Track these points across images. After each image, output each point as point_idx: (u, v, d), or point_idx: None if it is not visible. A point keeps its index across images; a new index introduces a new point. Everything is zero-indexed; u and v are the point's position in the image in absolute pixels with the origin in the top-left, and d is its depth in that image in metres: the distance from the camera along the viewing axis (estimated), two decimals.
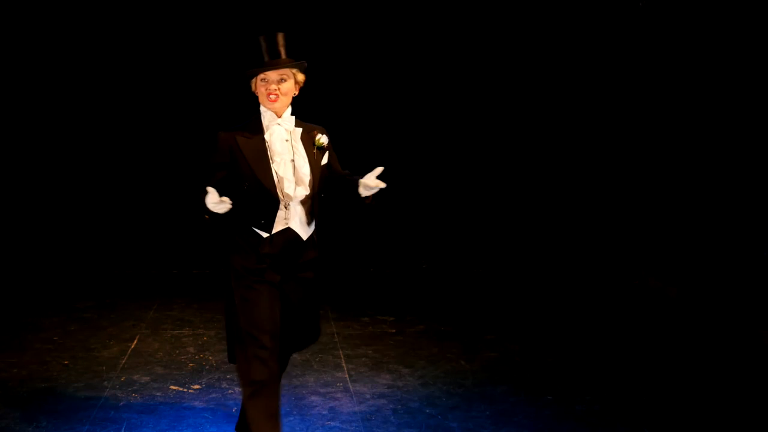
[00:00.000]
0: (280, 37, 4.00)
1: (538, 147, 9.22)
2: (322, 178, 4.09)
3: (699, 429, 4.62)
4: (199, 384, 5.23)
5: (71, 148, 8.96)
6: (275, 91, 3.98)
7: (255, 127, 4.04)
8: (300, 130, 4.07)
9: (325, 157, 4.11)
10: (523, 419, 4.72)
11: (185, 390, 5.13)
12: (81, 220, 8.95)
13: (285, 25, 4.56)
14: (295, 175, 4.00)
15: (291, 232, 4.02)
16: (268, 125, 4.03)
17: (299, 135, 4.06)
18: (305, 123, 4.13)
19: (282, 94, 3.99)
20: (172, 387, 5.18)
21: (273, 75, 3.98)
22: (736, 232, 7.21)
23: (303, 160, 4.02)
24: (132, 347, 5.92)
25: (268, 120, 4.04)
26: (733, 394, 5.11)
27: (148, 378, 5.31)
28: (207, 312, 6.81)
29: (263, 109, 4.05)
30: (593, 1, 8.75)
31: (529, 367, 5.57)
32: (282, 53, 3.99)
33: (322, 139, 4.08)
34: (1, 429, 4.53)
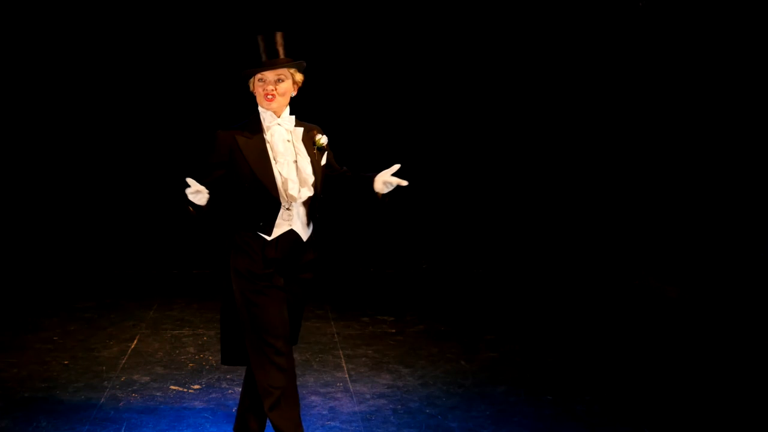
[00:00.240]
0: (278, 36, 3.93)
1: (538, 147, 9.22)
2: (323, 178, 4.05)
3: (699, 429, 4.62)
4: (199, 384, 5.23)
5: (71, 148, 8.96)
6: (272, 92, 3.91)
7: (255, 127, 3.98)
8: (301, 130, 4.02)
9: (325, 157, 4.08)
10: (523, 419, 4.72)
11: (185, 390, 5.13)
12: (81, 220, 8.95)
13: (284, 24, 4.54)
14: (299, 176, 3.94)
15: (293, 233, 3.98)
16: (268, 125, 3.97)
17: (300, 135, 4.00)
18: (303, 123, 4.08)
19: (279, 94, 3.93)
20: (172, 387, 5.18)
21: (270, 75, 3.92)
22: (735, 232, 7.21)
23: (306, 160, 3.97)
24: (132, 347, 5.92)
25: (268, 120, 3.98)
26: (733, 394, 5.11)
27: (148, 378, 5.31)
28: (207, 312, 6.80)
29: (262, 109, 3.99)
30: (593, 1, 8.75)
31: (529, 367, 5.57)
32: (280, 53, 3.92)
33: (322, 140, 4.04)
34: (1, 429, 4.53)
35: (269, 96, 3.92)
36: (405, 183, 3.98)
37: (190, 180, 3.77)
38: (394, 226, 9.07)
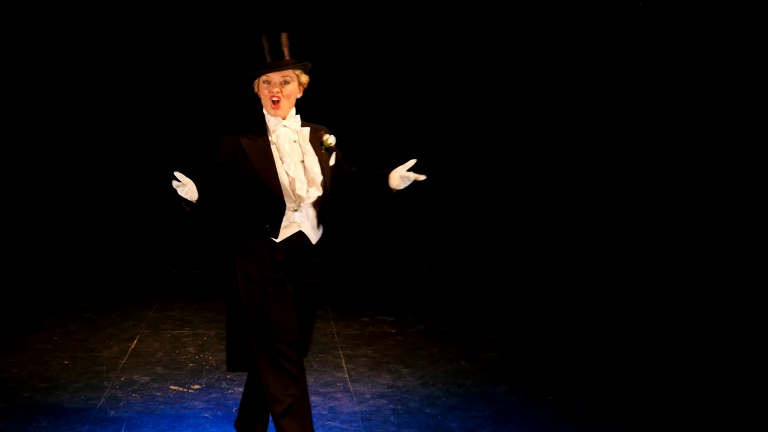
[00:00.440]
0: (283, 37, 3.86)
1: (538, 147, 9.21)
2: (332, 179, 3.97)
3: (699, 429, 4.62)
4: (199, 384, 5.23)
5: (71, 148, 8.95)
6: (277, 94, 3.83)
7: (260, 130, 3.91)
8: (307, 130, 3.94)
9: (333, 158, 4.00)
10: (523, 419, 4.72)
11: (185, 390, 5.13)
12: (81, 220, 8.95)
13: (286, 25, 4.49)
14: (307, 176, 3.86)
15: (302, 236, 3.89)
16: (274, 128, 3.90)
17: (307, 135, 3.93)
18: (310, 123, 4.00)
19: (284, 96, 3.85)
20: (172, 387, 5.18)
21: (275, 77, 3.84)
22: (736, 232, 7.21)
23: (313, 160, 3.89)
24: (132, 347, 5.92)
25: (273, 123, 3.91)
26: (733, 394, 5.11)
27: (148, 378, 5.31)
28: (207, 312, 6.81)
29: (265, 110, 3.93)
30: (593, 1, 8.74)
31: (529, 367, 5.57)
32: (285, 54, 3.84)
33: (330, 140, 3.95)
34: (1, 429, 4.53)
35: (275, 98, 3.84)
36: (423, 177, 3.89)
37: (177, 173, 3.70)
38: (393, 226, 9.07)
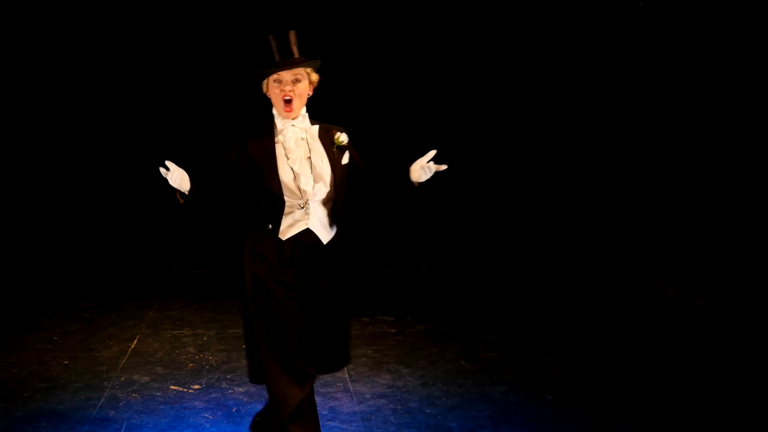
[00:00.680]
0: (291, 35, 3.79)
1: (538, 147, 9.21)
2: (344, 178, 3.88)
3: (699, 429, 4.62)
4: (199, 384, 5.23)
5: (71, 148, 8.95)
6: (290, 93, 3.75)
7: (267, 129, 3.84)
8: (317, 128, 3.87)
9: (346, 157, 3.90)
10: (523, 419, 4.72)
11: (185, 390, 5.13)
12: (81, 220, 8.95)
13: (293, 23, 4.43)
14: (314, 172, 3.77)
15: (310, 234, 3.81)
16: (282, 128, 3.82)
17: (316, 133, 3.85)
18: (322, 123, 3.93)
19: (297, 96, 3.78)
20: (172, 387, 5.17)
21: (287, 75, 3.76)
22: (736, 232, 7.21)
23: (321, 157, 3.81)
24: (132, 347, 5.92)
25: (281, 122, 3.83)
26: (733, 394, 5.11)
27: (148, 378, 5.31)
28: (207, 312, 6.81)
29: (276, 111, 3.85)
30: (593, 1, 8.74)
31: (529, 367, 5.57)
32: (294, 52, 3.77)
33: (341, 138, 3.87)
34: (1, 429, 4.53)
35: (287, 98, 3.76)
36: (444, 167, 3.79)
37: (168, 162, 3.66)
38: (393, 226, 9.07)
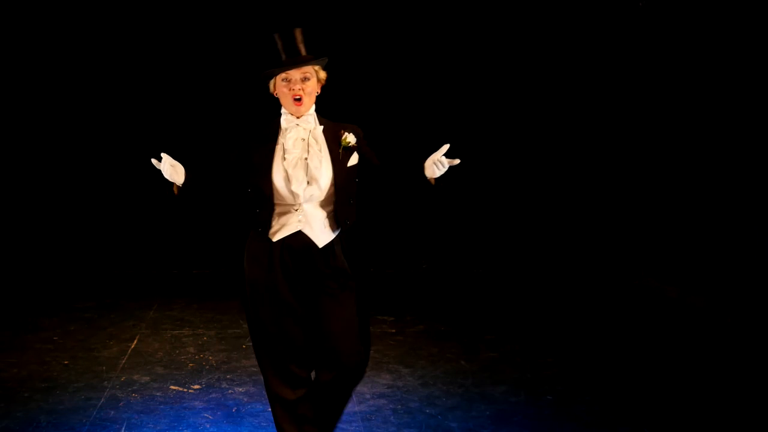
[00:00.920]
0: (297, 33, 3.70)
1: (538, 147, 9.21)
2: (348, 180, 3.77)
3: (699, 429, 4.62)
4: (199, 384, 5.23)
5: (71, 148, 8.95)
6: (299, 92, 3.68)
7: (271, 130, 3.77)
8: (322, 128, 3.77)
9: (354, 158, 3.78)
10: (523, 419, 4.72)
11: (185, 390, 5.13)
12: (81, 219, 8.95)
13: (295, 20, 4.37)
14: (308, 174, 3.68)
15: (302, 236, 3.71)
16: (286, 127, 3.75)
17: (321, 133, 3.76)
18: (334, 122, 3.83)
19: (306, 94, 3.70)
20: (172, 387, 5.18)
21: (295, 74, 3.69)
22: (735, 232, 7.21)
23: (320, 159, 3.71)
24: (132, 347, 5.92)
25: (286, 122, 3.75)
26: (733, 394, 5.11)
27: (148, 378, 5.31)
28: (207, 312, 6.81)
29: (284, 111, 3.77)
30: (593, 1, 8.74)
31: (529, 367, 5.57)
32: (302, 50, 3.69)
33: (348, 138, 3.75)
34: (1, 429, 4.53)
35: (297, 97, 3.69)
36: (457, 161, 3.66)
37: (164, 155, 3.64)
38: (393, 226, 9.07)
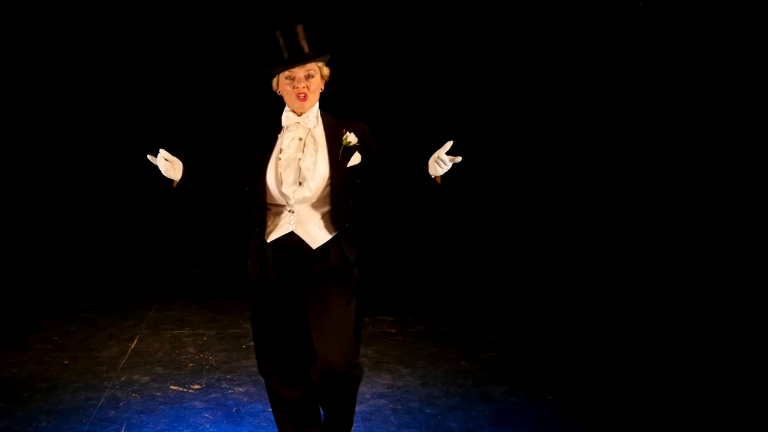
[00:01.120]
0: (299, 30, 3.64)
1: (537, 147, 9.21)
2: (347, 181, 3.71)
3: (699, 429, 4.62)
4: (199, 384, 5.23)
5: (71, 148, 8.95)
6: (304, 90, 3.64)
7: (273, 129, 3.73)
8: (321, 128, 3.72)
9: (356, 158, 3.72)
10: (523, 419, 4.71)
11: (185, 390, 5.13)
12: (81, 219, 8.95)
13: (298, 16, 4.34)
14: (300, 175, 3.64)
15: (295, 237, 3.67)
16: (286, 125, 3.71)
17: (321, 132, 3.71)
18: (340, 120, 3.77)
19: (311, 91, 3.65)
20: (172, 387, 5.17)
21: (299, 71, 3.64)
22: (735, 231, 7.21)
23: (314, 159, 3.65)
24: (132, 347, 5.92)
25: (286, 120, 3.72)
26: (733, 394, 5.11)
27: (148, 378, 5.31)
28: (207, 312, 6.81)
29: (287, 109, 3.73)
30: (593, 1, 8.74)
31: (529, 367, 5.57)
32: (304, 46, 3.63)
33: (349, 138, 3.68)
34: (1, 429, 4.53)
35: (301, 95, 3.64)
36: (458, 159, 3.56)
37: (162, 151, 3.63)
38: (394, 226, 9.06)
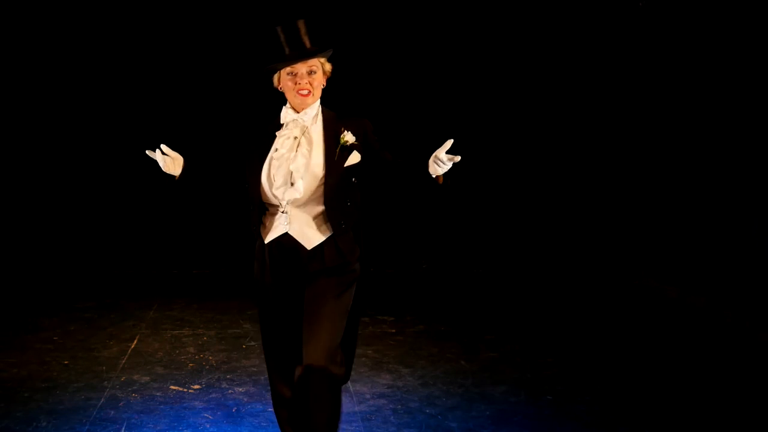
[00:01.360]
0: (300, 25, 3.58)
1: (537, 147, 9.22)
2: (343, 180, 3.63)
3: (699, 429, 4.62)
4: (199, 384, 5.23)
5: (71, 148, 8.95)
6: (307, 86, 3.59)
7: (272, 127, 3.68)
8: (320, 126, 3.65)
9: (355, 157, 3.64)
10: (523, 419, 4.71)
11: (185, 390, 5.13)
12: (81, 219, 8.95)
13: (300, 11, 4.30)
14: (291, 177, 3.57)
15: (289, 238, 3.62)
16: (285, 122, 3.65)
17: (319, 131, 3.64)
18: (342, 116, 3.70)
19: (314, 87, 3.61)
20: (172, 387, 5.18)
21: (301, 67, 3.58)
22: (735, 231, 7.21)
23: (305, 160, 3.58)
24: (132, 347, 5.92)
25: (284, 117, 3.66)
26: (733, 394, 5.11)
27: (148, 378, 5.31)
28: (207, 312, 6.81)
29: (287, 106, 3.67)
30: (593, 1, 8.74)
31: (529, 367, 5.57)
32: (306, 42, 3.57)
33: (347, 137, 3.60)
34: (1, 429, 4.53)
35: (304, 91, 3.59)
36: (458, 158, 3.47)
37: (163, 146, 3.60)
38: (395, 226, 9.06)
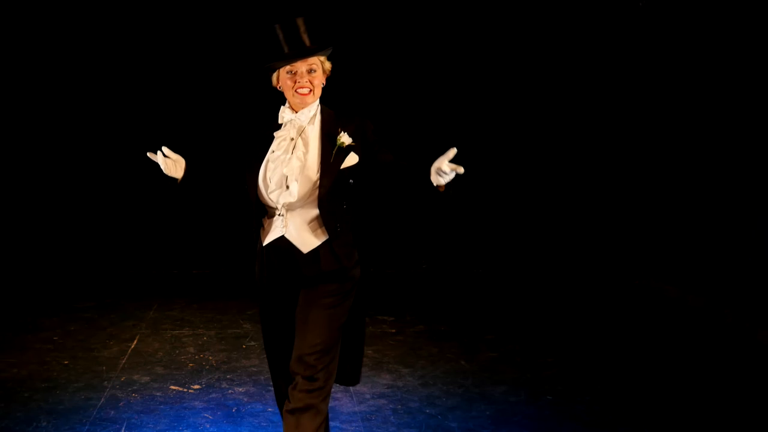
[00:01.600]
0: (299, 23, 3.52)
1: (538, 147, 9.21)
2: (339, 182, 3.56)
3: (699, 429, 4.62)
4: (199, 384, 5.23)
5: (72, 148, 8.95)
6: (307, 84, 3.53)
7: (269, 128, 3.60)
8: (318, 126, 3.59)
9: (352, 158, 3.57)
10: (523, 419, 4.72)
11: (185, 390, 5.13)
12: (81, 219, 8.95)
13: (299, 9, 4.27)
14: (286, 180, 3.51)
15: (285, 241, 3.56)
16: (283, 123, 3.59)
17: (316, 131, 3.57)
18: (341, 115, 3.63)
19: (314, 86, 3.55)
20: (172, 387, 5.18)
21: (301, 66, 3.52)
22: (736, 232, 7.21)
23: (300, 162, 3.52)
24: (132, 347, 5.92)
25: (282, 118, 3.60)
26: (733, 394, 5.11)
27: (148, 378, 5.31)
28: (207, 312, 6.81)
29: (285, 105, 3.61)
30: (593, 1, 8.74)
31: (529, 367, 5.57)
32: (306, 40, 3.51)
33: (343, 138, 3.53)
34: (1, 429, 4.53)
35: (304, 90, 3.53)
36: (461, 170, 3.40)
37: (165, 148, 3.56)
38: (393, 226, 9.06)
